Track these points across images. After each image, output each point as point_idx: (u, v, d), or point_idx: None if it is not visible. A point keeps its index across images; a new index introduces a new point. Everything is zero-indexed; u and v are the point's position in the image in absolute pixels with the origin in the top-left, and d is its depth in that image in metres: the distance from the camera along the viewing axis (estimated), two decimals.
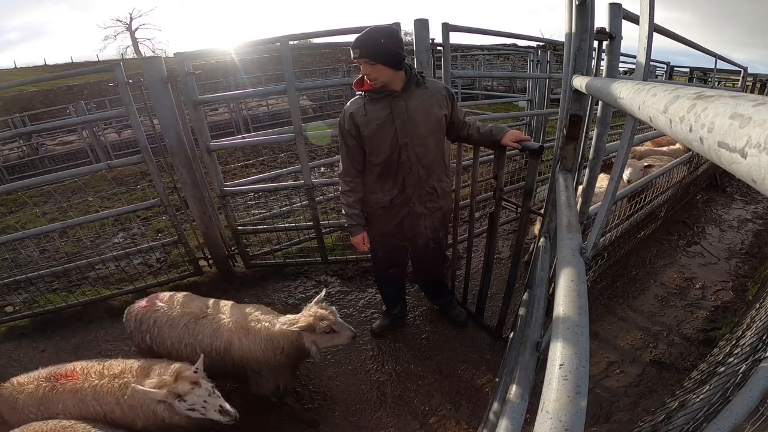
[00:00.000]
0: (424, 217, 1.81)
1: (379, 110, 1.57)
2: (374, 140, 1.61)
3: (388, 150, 1.62)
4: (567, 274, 0.76)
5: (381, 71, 1.48)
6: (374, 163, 1.68)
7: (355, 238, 1.84)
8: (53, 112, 11.12)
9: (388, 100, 1.56)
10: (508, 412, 0.93)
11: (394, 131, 1.59)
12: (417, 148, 1.63)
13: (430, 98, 1.60)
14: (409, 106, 1.57)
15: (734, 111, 0.25)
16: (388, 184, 1.72)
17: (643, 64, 0.87)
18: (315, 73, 14.38)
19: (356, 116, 1.59)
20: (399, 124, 1.57)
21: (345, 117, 1.62)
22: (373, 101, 1.58)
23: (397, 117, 1.57)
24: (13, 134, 2.67)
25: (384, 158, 1.64)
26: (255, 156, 6.65)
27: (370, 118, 1.58)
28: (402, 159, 1.63)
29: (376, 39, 1.45)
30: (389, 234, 1.86)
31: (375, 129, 1.58)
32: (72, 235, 3.87)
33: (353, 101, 1.64)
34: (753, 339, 1.50)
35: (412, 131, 1.60)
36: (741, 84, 5.07)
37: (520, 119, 5.08)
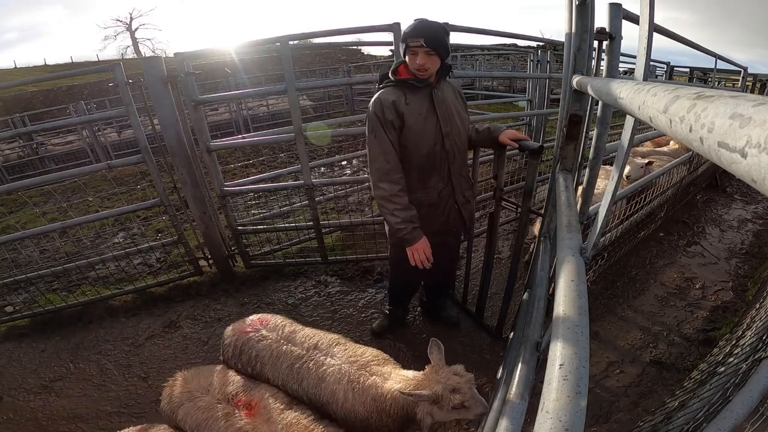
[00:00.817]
0: (466, 206, 1.81)
1: (419, 100, 1.55)
2: (417, 131, 1.56)
3: (432, 141, 1.59)
4: (567, 274, 0.76)
5: (435, 62, 1.49)
6: (419, 155, 1.59)
7: (419, 245, 1.60)
8: (53, 112, 11.11)
9: (428, 90, 1.55)
10: (508, 412, 0.93)
11: (436, 121, 1.57)
12: (456, 137, 1.64)
13: (454, 91, 1.67)
14: (445, 97, 1.60)
15: (734, 111, 0.25)
16: (433, 178, 1.67)
17: (643, 64, 0.87)
18: (315, 73, 14.37)
19: (399, 105, 1.51)
20: (441, 114, 1.58)
21: (384, 106, 1.51)
22: (413, 91, 1.54)
23: (438, 107, 1.57)
24: (13, 134, 2.67)
25: (428, 150, 1.59)
26: (255, 156, 6.65)
27: (413, 107, 1.53)
28: (446, 148, 1.62)
29: (438, 30, 1.46)
30: (433, 233, 1.69)
31: (419, 119, 1.55)
32: (72, 235, 3.87)
33: (386, 91, 1.55)
34: (753, 339, 1.50)
35: (451, 120, 1.62)
36: (741, 84, 5.07)
37: (520, 119, 5.08)
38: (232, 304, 2.69)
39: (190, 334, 2.44)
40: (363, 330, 2.35)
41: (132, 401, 1.99)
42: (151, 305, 2.72)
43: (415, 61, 1.47)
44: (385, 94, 1.53)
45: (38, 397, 2.07)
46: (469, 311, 2.40)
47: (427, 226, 1.67)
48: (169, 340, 2.41)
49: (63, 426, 1.89)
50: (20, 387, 2.13)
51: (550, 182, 1.62)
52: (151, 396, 2.01)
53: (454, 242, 1.95)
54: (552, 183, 1.52)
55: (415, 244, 1.61)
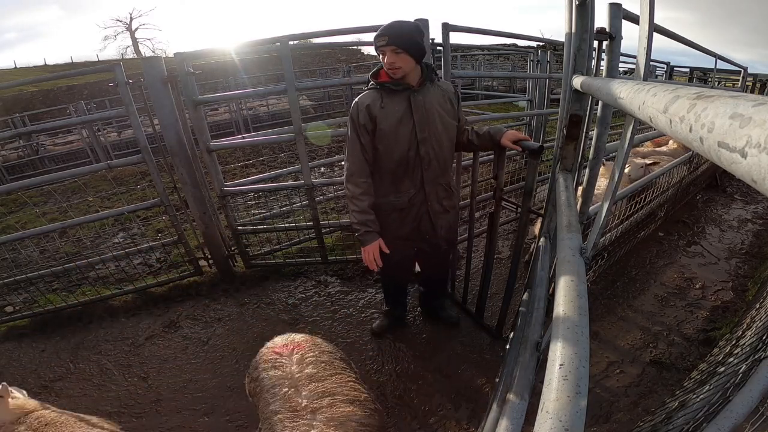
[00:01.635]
0: (440, 216, 1.77)
1: (396, 104, 1.54)
2: (391, 135, 1.56)
3: (406, 146, 1.58)
4: (567, 274, 0.76)
5: (405, 61, 1.47)
6: (391, 160, 1.61)
7: (369, 247, 1.65)
8: (53, 112, 11.11)
9: (407, 94, 1.53)
10: (508, 412, 0.93)
11: (412, 126, 1.55)
12: (435, 143, 1.61)
13: (442, 95, 1.61)
14: (426, 101, 1.56)
15: (734, 111, 0.25)
16: (405, 183, 1.67)
17: (643, 64, 0.86)
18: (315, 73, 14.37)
19: (373, 108, 1.53)
20: (417, 119, 1.55)
21: (359, 110, 1.55)
22: (390, 94, 1.54)
23: (416, 111, 1.54)
24: (13, 134, 2.67)
25: (400, 155, 1.59)
26: (255, 156, 6.66)
27: (388, 111, 1.53)
28: (421, 154, 1.60)
29: (405, 28, 1.45)
30: (404, 237, 1.77)
31: (393, 123, 1.54)
32: (72, 235, 3.88)
33: (365, 94, 1.57)
34: (753, 339, 1.50)
35: (430, 126, 1.58)
36: (741, 84, 5.07)
37: (520, 119, 5.08)
38: (232, 304, 2.69)
39: (190, 334, 2.44)
40: (363, 330, 2.35)
41: (132, 401, 1.99)
42: (151, 305, 2.72)
43: (385, 60, 1.47)
44: (363, 98, 1.56)
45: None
46: (469, 311, 2.40)
47: (397, 230, 1.74)
48: (169, 340, 2.41)
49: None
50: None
51: (550, 182, 1.62)
52: (151, 396, 2.01)
53: (430, 250, 1.91)
54: (552, 183, 1.52)
55: (367, 246, 1.66)
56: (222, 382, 2.06)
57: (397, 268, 1.96)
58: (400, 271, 2.02)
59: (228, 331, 2.44)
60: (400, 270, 2.02)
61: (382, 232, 1.72)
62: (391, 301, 2.29)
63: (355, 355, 2.18)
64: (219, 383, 2.06)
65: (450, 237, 1.91)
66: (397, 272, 2.04)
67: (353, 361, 2.12)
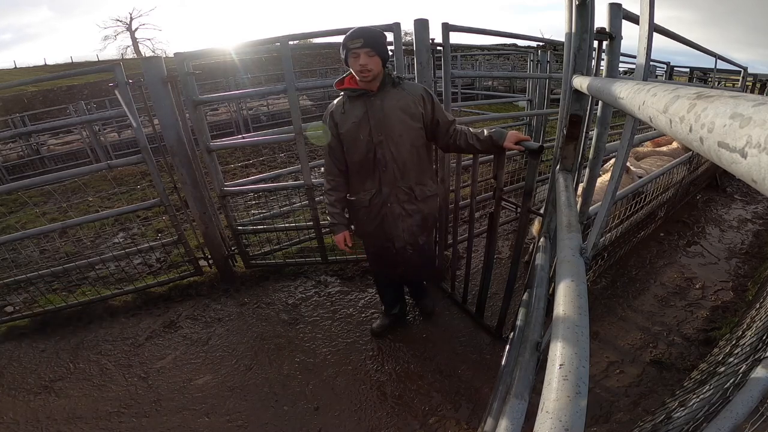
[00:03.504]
0: (402, 219, 1.77)
1: (356, 108, 1.62)
2: (350, 138, 1.66)
3: (364, 148, 1.65)
4: (567, 274, 0.75)
5: (377, 63, 1.52)
6: (353, 162, 1.71)
7: (336, 237, 1.86)
8: (53, 112, 11.11)
9: (364, 99, 1.60)
10: (508, 412, 0.93)
11: (369, 129, 1.62)
12: (392, 147, 1.63)
13: (405, 98, 1.61)
14: (385, 105, 1.59)
15: (734, 111, 0.25)
16: (368, 183, 1.75)
17: (643, 64, 0.86)
18: (315, 73, 14.37)
19: (335, 114, 1.67)
20: (374, 123, 1.60)
21: (326, 116, 1.70)
22: (351, 100, 1.63)
23: (372, 116, 1.60)
24: (13, 134, 2.67)
25: (360, 156, 1.67)
26: (255, 156, 6.66)
27: (347, 116, 1.63)
28: (378, 157, 1.65)
29: (374, 32, 1.52)
30: (373, 235, 1.88)
31: (351, 127, 1.63)
32: (72, 235, 3.88)
33: (336, 101, 1.70)
34: (753, 339, 1.50)
35: (387, 130, 1.61)
36: (741, 84, 5.07)
37: (520, 119, 5.07)
38: (232, 304, 2.69)
39: (190, 334, 2.44)
40: (363, 330, 2.35)
41: (132, 401, 1.99)
42: (151, 305, 2.72)
43: (357, 63, 1.49)
44: (332, 104, 1.70)
45: (38, 397, 2.07)
46: (469, 311, 2.40)
47: (365, 226, 1.86)
48: (169, 340, 2.41)
49: (63, 426, 1.89)
50: (20, 387, 2.14)
51: (550, 182, 1.62)
52: (151, 396, 2.01)
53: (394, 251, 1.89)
54: (552, 183, 1.52)
55: (335, 235, 1.86)
56: (222, 382, 2.07)
57: (377, 261, 2.06)
58: (382, 263, 2.05)
59: (228, 331, 2.44)
60: (382, 262, 2.04)
61: (357, 226, 1.91)
62: (387, 300, 2.29)
63: (355, 355, 2.18)
64: (219, 383, 2.06)
65: (415, 242, 1.85)
66: (379, 266, 2.09)
67: (353, 360, 2.13)
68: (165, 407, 1.95)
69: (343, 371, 2.08)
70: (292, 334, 2.38)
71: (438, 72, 2.26)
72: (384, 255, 2.00)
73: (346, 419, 1.83)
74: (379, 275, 2.19)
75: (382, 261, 2.05)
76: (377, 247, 1.97)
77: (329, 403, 1.91)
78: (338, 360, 2.15)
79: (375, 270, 2.20)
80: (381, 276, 2.19)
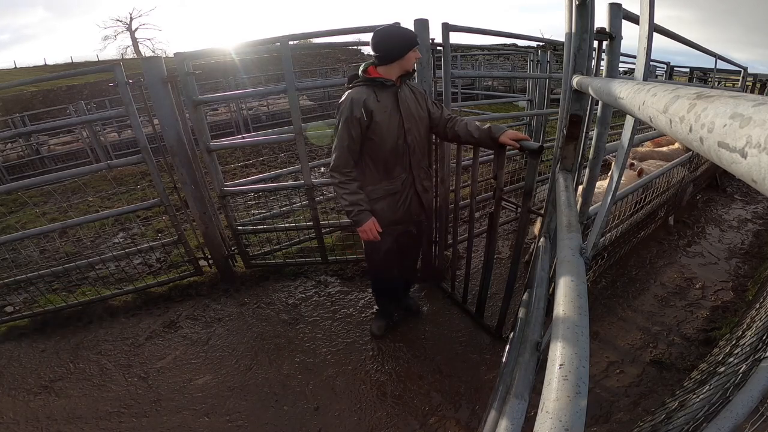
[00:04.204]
0: (425, 194, 1.96)
1: (387, 98, 1.71)
2: (384, 126, 1.71)
3: (396, 135, 1.75)
4: (567, 274, 0.75)
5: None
6: (384, 150, 1.75)
7: (365, 226, 1.75)
8: (53, 112, 11.11)
9: (394, 89, 1.72)
10: (508, 412, 0.93)
11: (399, 117, 1.74)
12: (416, 132, 1.82)
13: (413, 90, 1.84)
14: (407, 96, 1.77)
15: (734, 111, 0.25)
16: (397, 169, 1.83)
17: (643, 64, 0.86)
18: (315, 73, 14.37)
19: (369, 102, 1.66)
20: (404, 111, 1.74)
21: (355, 105, 1.64)
22: (381, 90, 1.70)
23: (402, 105, 1.74)
24: (13, 134, 2.66)
25: (392, 144, 1.76)
26: (255, 156, 6.66)
27: (382, 105, 1.69)
28: (408, 142, 1.79)
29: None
30: (396, 221, 1.91)
31: (385, 116, 1.71)
32: (72, 235, 3.88)
33: (358, 91, 1.68)
34: (753, 339, 1.50)
35: (413, 118, 1.78)
36: (741, 84, 5.07)
37: (520, 119, 5.07)
38: (232, 304, 2.69)
39: (190, 334, 2.44)
40: (363, 330, 2.35)
41: (132, 401, 1.99)
42: (151, 305, 2.72)
43: (415, 56, 1.69)
44: (357, 93, 1.67)
45: (38, 397, 2.07)
46: (469, 311, 2.40)
47: (390, 215, 1.87)
48: (169, 340, 2.41)
49: (63, 426, 1.89)
50: (20, 387, 2.14)
51: (550, 182, 1.62)
52: (151, 396, 2.01)
53: (416, 232, 2.10)
54: (552, 183, 1.52)
55: (362, 225, 1.77)
56: (222, 382, 2.07)
57: (385, 258, 2.03)
58: (389, 263, 2.07)
59: (228, 331, 2.44)
60: (388, 261, 2.05)
61: (379, 218, 1.86)
62: (381, 299, 2.29)
63: (355, 355, 2.18)
64: (219, 383, 2.06)
65: (429, 215, 2.18)
66: (386, 264, 2.06)
67: (353, 360, 2.13)
68: (165, 407, 1.95)
69: (343, 371, 2.08)
70: (292, 334, 2.38)
71: (438, 72, 2.26)
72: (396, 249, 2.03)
73: (346, 419, 1.83)
74: (381, 274, 2.16)
75: (392, 257, 2.04)
76: (392, 241, 1.97)
77: (329, 403, 1.91)
78: (338, 360, 2.15)
79: (378, 269, 2.12)
80: (385, 280, 2.17)
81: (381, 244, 1.92)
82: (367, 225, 1.76)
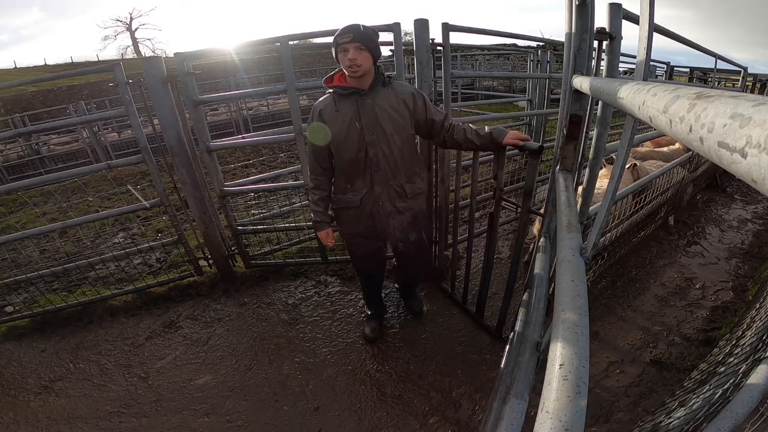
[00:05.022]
0: (393, 216, 1.78)
1: (346, 107, 1.58)
2: (340, 138, 1.61)
3: (356, 147, 1.62)
4: (567, 274, 0.75)
5: (366, 59, 1.49)
6: (343, 161, 1.67)
7: (320, 234, 1.87)
8: (53, 112, 11.11)
9: (355, 98, 1.57)
10: (508, 412, 0.93)
11: (360, 128, 1.59)
12: (383, 145, 1.63)
13: (395, 97, 1.61)
14: (376, 104, 1.58)
15: (734, 111, 0.25)
16: (358, 182, 1.72)
17: (643, 64, 0.86)
18: (315, 73, 14.38)
19: (324, 113, 1.62)
20: (365, 122, 1.58)
21: (314, 114, 1.64)
22: (341, 98, 1.59)
23: (364, 115, 1.58)
24: (13, 134, 2.66)
25: (351, 156, 1.64)
26: (255, 156, 6.66)
27: (338, 115, 1.59)
28: (369, 156, 1.63)
29: (365, 28, 1.49)
30: (363, 235, 1.86)
31: (342, 126, 1.59)
32: (72, 235, 3.88)
33: (322, 99, 1.65)
34: (753, 339, 1.50)
35: (379, 129, 1.60)
36: (741, 84, 5.06)
37: (520, 119, 5.07)
38: (232, 304, 2.69)
39: (190, 334, 2.44)
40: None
41: (132, 401, 1.99)
42: (151, 305, 2.72)
43: (347, 58, 1.47)
44: (319, 102, 1.65)
45: (38, 397, 2.07)
46: (469, 311, 2.40)
47: (354, 227, 1.84)
48: (169, 340, 2.41)
49: (63, 426, 1.89)
50: (20, 387, 2.14)
51: (550, 182, 1.62)
52: (151, 396, 2.01)
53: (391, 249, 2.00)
54: (552, 183, 1.52)
55: (319, 232, 1.87)
56: (222, 382, 2.07)
57: (364, 261, 2.04)
58: (369, 265, 2.07)
59: (228, 331, 2.44)
60: (368, 263, 2.06)
61: (344, 227, 1.89)
62: (373, 303, 2.29)
63: (355, 355, 2.18)
64: (219, 383, 2.06)
65: (406, 239, 1.86)
66: (366, 265, 2.08)
67: (353, 360, 2.13)
68: (165, 407, 1.95)
69: (343, 371, 2.08)
70: (292, 334, 2.38)
71: (438, 72, 2.26)
72: (371, 255, 2.00)
73: (346, 419, 1.83)
74: (365, 277, 2.18)
75: (369, 262, 2.04)
76: (365, 248, 1.94)
77: (329, 403, 1.91)
78: (338, 360, 2.15)
79: (361, 272, 2.16)
80: (367, 278, 2.18)
81: (355, 249, 1.97)
82: (321, 233, 1.86)
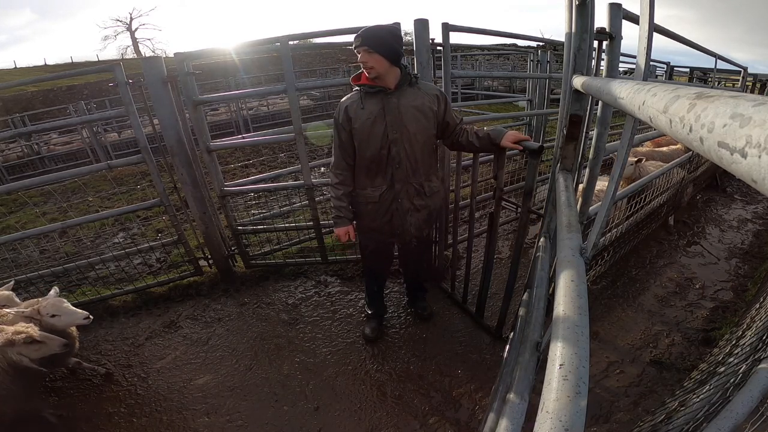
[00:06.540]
0: (411, 214, 1.83)
1: (372, 105, 1.63)
2: (364, 134, 1.66)
3: (378, 145, 1.66)
4: (567, 274, 0.75)
5: (378, 61, 1.54)
6: (364, 157, 1.71)
7: (339, 230, 1.85)
8: (53, 112, 11.11)
9: (381, 96, 1.62)
10: (508, 412, 0.93)
11: (384, 126, 1.64)
12: (406, 144, 1.68)
13: (421, 98, 1.66)
14: (401, 103, 1.62)
15: (734, 111, 0.25)
16: (378, 179, 1.76)
17: (643, 64, 0.86)
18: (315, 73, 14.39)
19: (350, 109, 1.66)
20: (390, 120, 1.63)
21: (340, 110, 1.69)
22: (368, 96, 1.64)
23: (389, 113, 1.62)
24: (13, 134, 2.66)
25: (373, 153, 1.68)
26: (255, 156, 6.66)
27: (364, 112, 1.64)
28: (392, 154, 1.68)
29: (377, 31, 1.54)
30: (378, 230, 1.89)
31: (367, 123, 1.64)
32: (72, 235, 3.88)
33: (349, 96, 1.70)
34: (753, 339, 1.50)
35: (402, 128, 1.64)
36: (741, 84, 5.07)
37: (520, 119, 5.07)
38: (232, 304, 2.69)
39: (190, 334, 2.44)
40: None
41: (132, 401, 1.99)
42: (151, 305, 2.72)
43: (359, 60, 1.55)
44: (346, 99, 1.70)
45: (38, 397, 2.07)
46: (469, 311, 2.40)
47: (371, 222, 1.87)
48: (169, 340, 2.41)
49: (63, 426, 1.89)
50: None
51: (550, 182, 1.62)
52: (151, 396, 2.01)
53: (402, 245, 2.03)
54: (552, 183, 1.52)
55: (337, 229, 1.85)
56: (222, 382, 2.07)
57: (374, 256, 2.07)
58: (378, 260, 2.10)
59: (228, 331, 2.44)
60: (378, 259, 2.10)
61: (361, 223, 1.90)
62: (375, 301, 2.29)
63: (355, 355, 2.18)
64: (219, 383, 2.06)
65: (420, 235, 1.95)
66: (376, 261, 2.11)
67: (353, 360, 2.13)
68: (165, 407, 1.95)
69: (343, 371, 2.08)
70: (292, 334, 2.38)
71: (438, 72, 2.26)
72: (383, 251, 2.04)
73: (346, 419, 1.83)
74: (371, 273, 2.20)
75: (379, 257, 2.07)
76: (378, 243, 1.98)
77: (329, 403, 1.91)
78: (338, 360, 2.15)
79: (368, 267, 2.20)
80: (374, 275, 2.20)
81: (367, 243, 2.01)
82: (341, 230, 1.84)
